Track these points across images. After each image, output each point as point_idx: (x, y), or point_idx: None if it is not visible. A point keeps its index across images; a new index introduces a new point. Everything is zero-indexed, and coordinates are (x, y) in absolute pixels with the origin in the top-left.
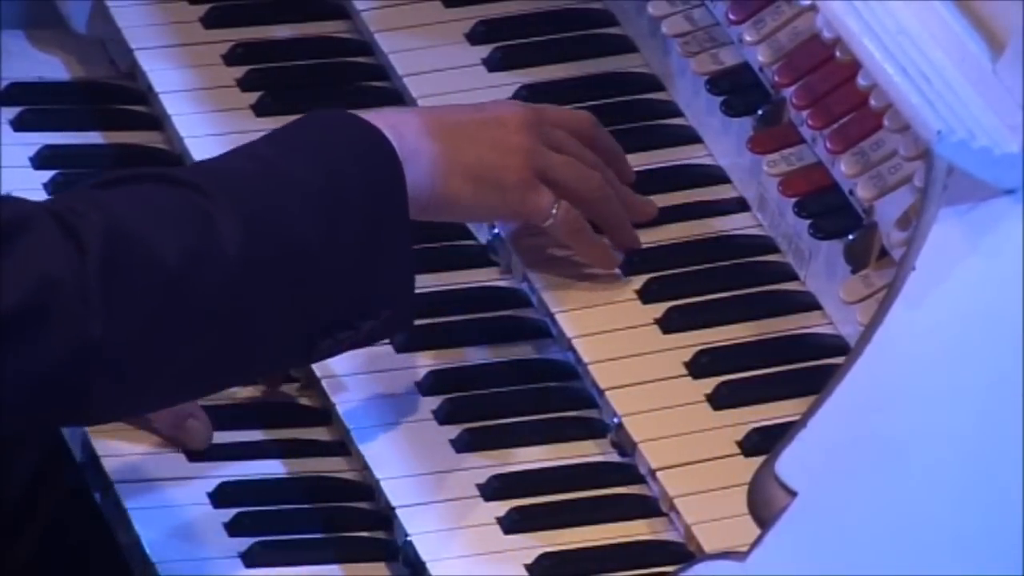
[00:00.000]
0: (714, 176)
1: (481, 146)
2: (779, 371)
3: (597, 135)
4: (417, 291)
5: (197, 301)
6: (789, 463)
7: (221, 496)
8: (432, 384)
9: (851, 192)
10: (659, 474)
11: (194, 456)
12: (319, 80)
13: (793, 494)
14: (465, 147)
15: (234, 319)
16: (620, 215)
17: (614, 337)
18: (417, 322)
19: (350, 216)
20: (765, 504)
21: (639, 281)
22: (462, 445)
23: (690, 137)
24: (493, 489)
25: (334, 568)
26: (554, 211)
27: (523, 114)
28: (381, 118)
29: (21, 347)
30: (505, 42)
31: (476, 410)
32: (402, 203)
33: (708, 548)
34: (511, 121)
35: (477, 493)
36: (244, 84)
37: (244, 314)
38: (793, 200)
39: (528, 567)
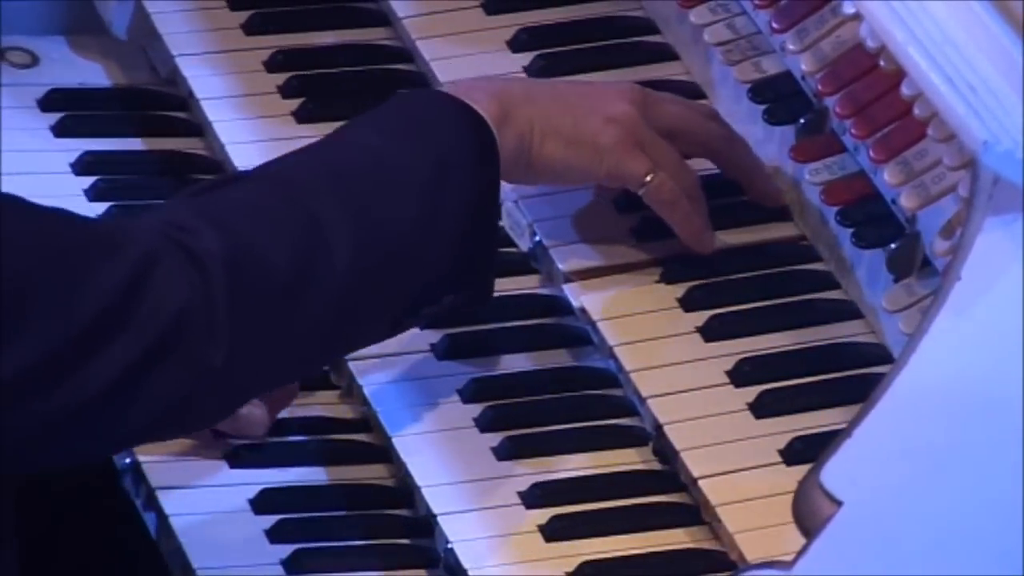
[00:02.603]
0: None
1: (579, 111)
2: (821, 380)
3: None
4: None
5: (307, 310)
6: (835, 473)
7: (262, 503)
8: (473, 392)
9: (894, 201)
10: (701, 482)
11: (235, 463)
12: (360, 87)
13: (839, 504)
14: (562, 112)
15: (336, 320)
16: (751, 162)
17: (655, 345)
18: (458, 330)
19: (452, 204)
20: (811, 514)
21: (681, 289)
22: (503, 453)
23: None
24: (534, 497)
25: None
26: (649, 178)
27: (631, 88)
28: (480, 84)
29: (150, 382)
30: (547, 49)
31: (517, 418)
32: (496, 182)
33: (750, 557)
34: (616, 94)
35: (519, 501)
36: (285, 91)
37: (346, 315)
38: (835, 209)
39: (569, 575)
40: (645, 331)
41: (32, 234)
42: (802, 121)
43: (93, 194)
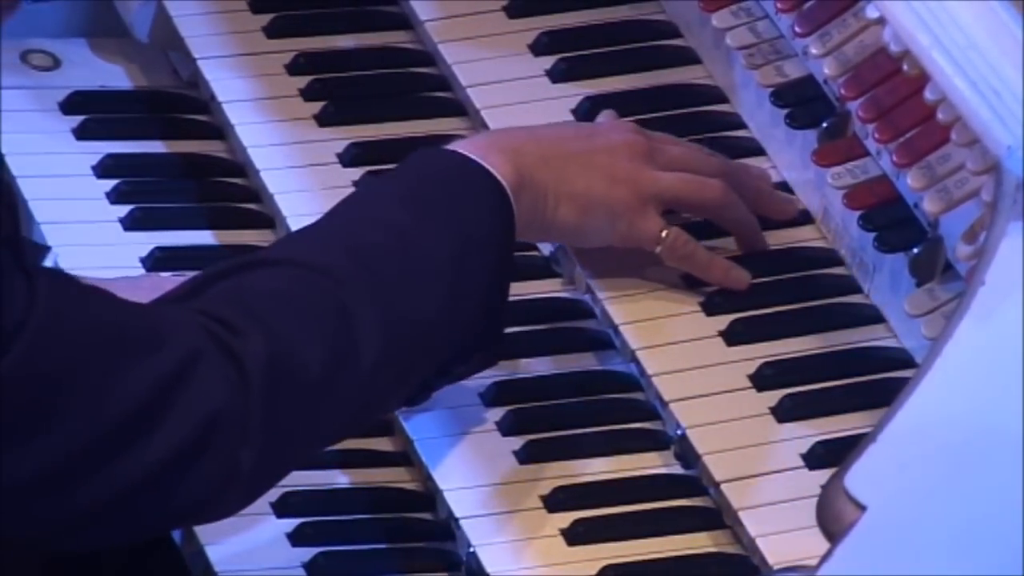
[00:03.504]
0: (778, 189)
1: (591, 175)
2: (843, 384)
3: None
4: None
5: (334, 406)
6: (859, 477)
7: (284, 506)
8: (495, 395)
9: (916, 205)
10: (723, 486)
11: None
12: (382, 90)
13: (863, 508)
14: (575, 176)
15: (359, 408)
16: (745, 220)
17: (678, 349)
18: None
19: (474, 282)
20: (835, 518)
21: (703, 294)
22: (526, 456)
23: (754, 149)
24: (557, 501)
25: None
26: (663, 235)
27: (634, 140)
28: (498, 145)
29: (179, 480)
30: (569, 53)
31: (539, 421)
32: (510, 254)
33: (772, 561)
34: (622, 148)
35: (541, 505)
36: (307, 94)
37: (368, 403)
38: (858, 213)
39: None
40: (667, 335)
41: (76, 320)
42: (824, 125)
43: (115, 197)
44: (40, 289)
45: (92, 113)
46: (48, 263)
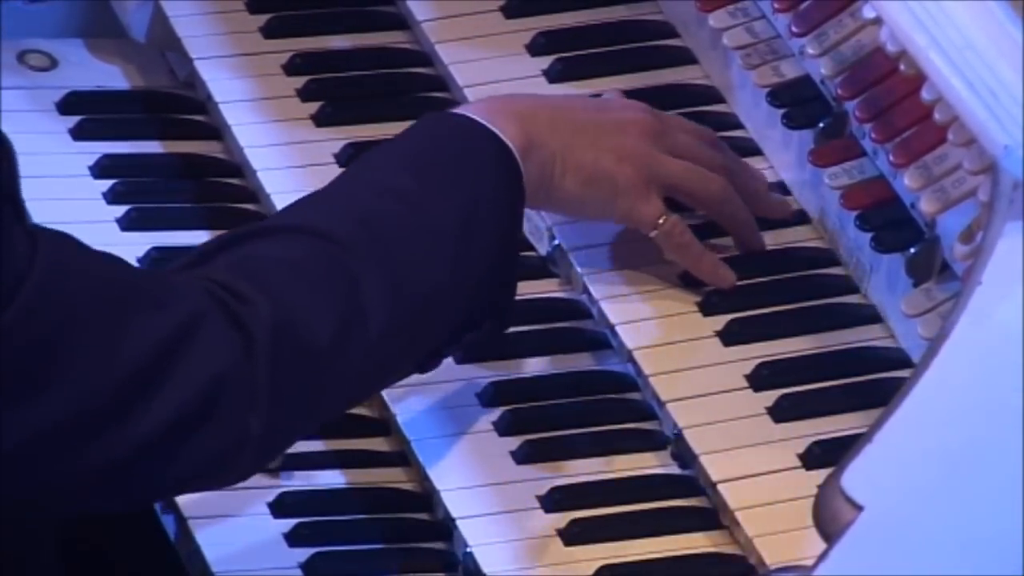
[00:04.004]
0: (775, 188)
1: (599, 149)
2: (840, 384)
3: (720, 148)
4: None
5: (341, 373)
6: (855, 477)
7: (281, 506)
8: (492, 395)
9: (913, 205)
10: (720, 486)
11: None
12: (379, 91)
13: (859, 508)
14: (584, 148)
15: (368, 375)
16: (743, 218)
17: (675, 349)
18: None
19: (481, 246)
20: (831, 518)
21: (700, 293)
22: (522, 456)
23: (751, 149)
24: (553, 501)
25: None
26: (661, 221)
27: (645, 120)
28: (507, 109)
29: (185, 443)
30: (565, 53)
31: (536, 422)
32: (519, 215)
33: (769, 561)
34: (632, 127)
35: (537, 505)
36: (304, 94)
37: (377, 370)
38: (855, 213)
39: None
40: (664, 335)
41: (78, 276)
42: (821, 125)
43: (111, 197)
44: (42, 245)
45: (89, 113)
46: None
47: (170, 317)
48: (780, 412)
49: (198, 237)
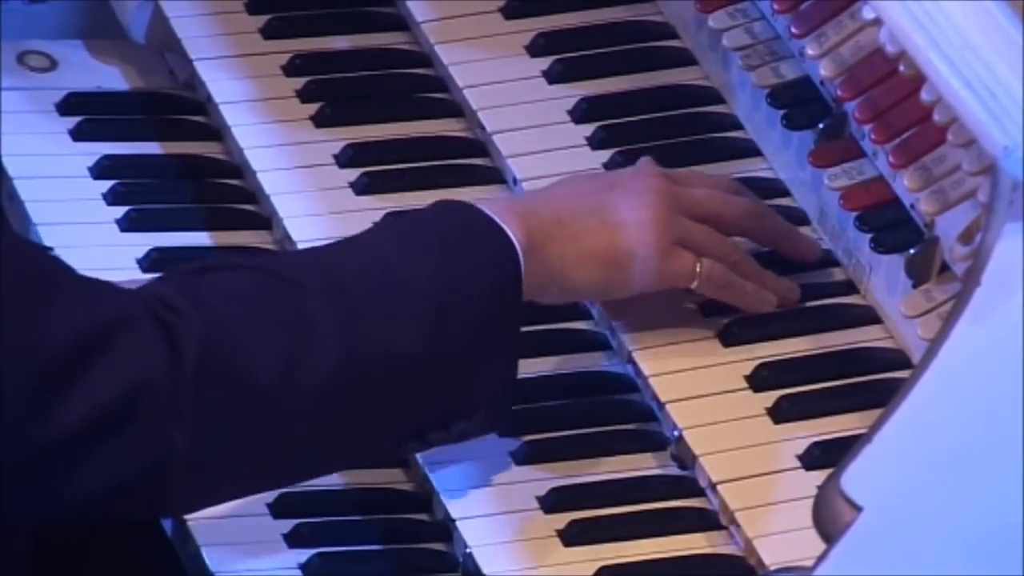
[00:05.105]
0: (774, 189)
1: (610, 228)
2: (839, 385)
3: (742, 192)
4: None
5: (285, 413)
6: (855, 478)
7: (280, 507)
8: None
9: (913, 206)
10: (719, 487)
11: None
12: (378, 92)
13: (859, 509)
14: (593, 233)
15: (321, 428)
16: (783, 228)
17: (674, 350)
18: None
19: (461, 327)
20: (831, 519)
21: (699, 295)
22: (522, 457)
23: (750, 150)
24: (553, 502)
25: None
26: (698, 269)
27: (657, 186)
28: (510, 210)
29: (104, 447)
30: (565, 54)
31: (536, 422)
32: (517, 309)
33: (768, 562)
34: (646, 196)
35: (537, 506)
36: (303, 95)
37: (332, 424)
38: (854, 214)
39: None
40: (664, 336)
41: (6, 259)
42: (821, 126)
43: (111, 198)
44: None
45: (89, 114)
46: None
47: (95, 314)
48: (780, 413)
49: (198, 238)
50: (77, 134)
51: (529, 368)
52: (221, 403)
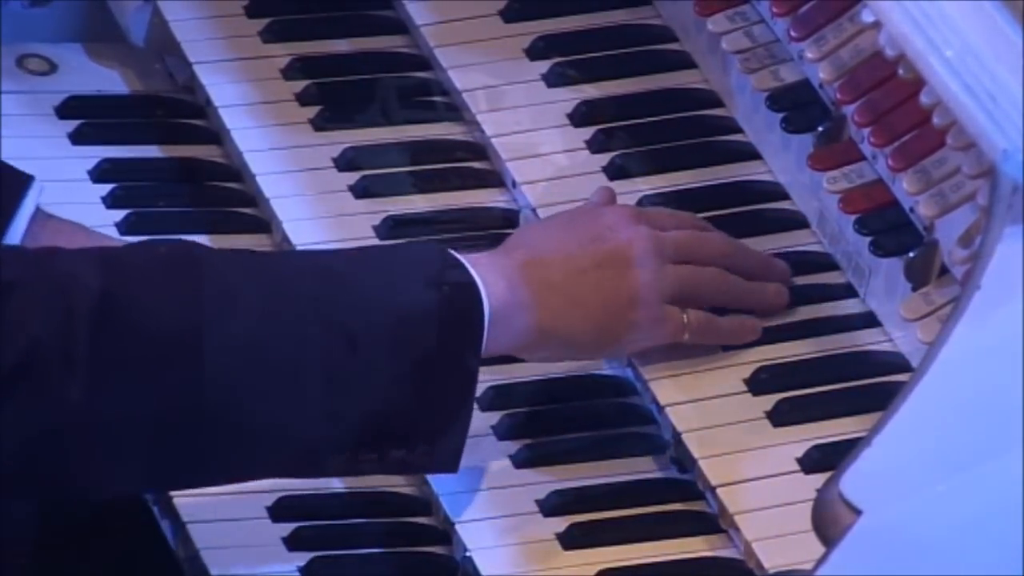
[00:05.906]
0: (773, 193)
1: (603, 292)
2: (839, 388)
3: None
4: None
5: (190, 378)
6: (854, 481)
7: (280, 510)
8: (491, 400)
9: (912, 209)
10: (719, 490)
11: None
12: (377, 95)
13: (858, 513)
14: (587, 296)
15: (236, 410)
16: (747, 297)
17: (673, 353)
18: None
19: (392, 354)
20: (830, 522)
21: None
22: (521, 460)
23: (749, 154)
24: (552, 505)
25: None
26: (686, 322)
27: (640, 241)
28: (497, 268)
29: (2, 408)
30: (564, 58)
31: (535, 426)
32: (460, 356)
33: (768, 565)
34: (630, 251)
35: (536, 509)
36: (303, 98)
37: (246, 408)
38: (853, 217)
39: None
40: None
41: None
42: (820, 129)
43: (111, 202)
44: None
45: (88, 118)
46: (33, 194)
47: None
48: (779, 416)
49: (197, 240)
50: (77, 137)
51: (528, 371)
52: (117, 352)
